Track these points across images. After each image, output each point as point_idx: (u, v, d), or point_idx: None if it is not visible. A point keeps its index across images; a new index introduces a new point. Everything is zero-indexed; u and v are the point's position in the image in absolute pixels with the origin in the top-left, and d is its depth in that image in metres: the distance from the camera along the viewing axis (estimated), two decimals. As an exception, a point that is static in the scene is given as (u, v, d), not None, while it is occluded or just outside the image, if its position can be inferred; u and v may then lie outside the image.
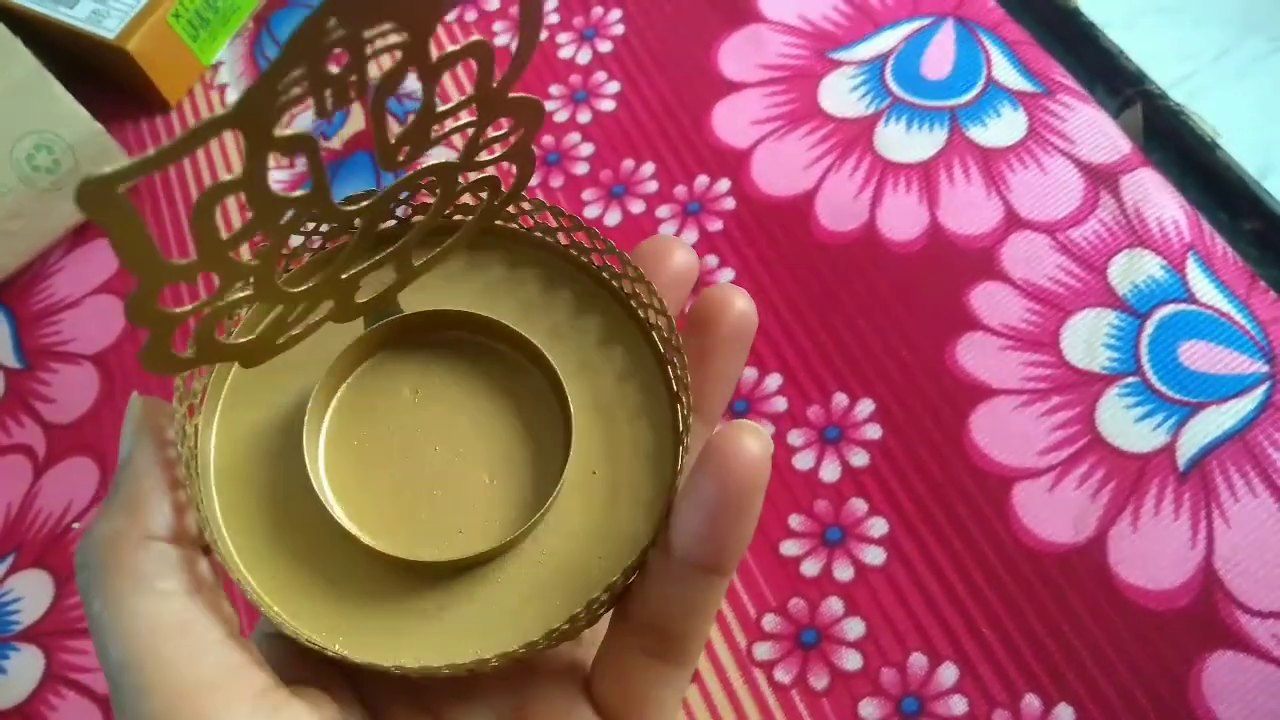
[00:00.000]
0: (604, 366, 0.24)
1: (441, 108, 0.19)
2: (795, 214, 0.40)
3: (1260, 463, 0.33)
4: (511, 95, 0.20)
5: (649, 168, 0.43)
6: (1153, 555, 0.32)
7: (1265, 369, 0.34)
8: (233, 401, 0.23)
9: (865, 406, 0.36)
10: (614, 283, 0.24)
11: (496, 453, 0.23)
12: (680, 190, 0.42)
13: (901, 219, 0.39)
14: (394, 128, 0.18)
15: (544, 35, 0.47)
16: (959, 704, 0.32)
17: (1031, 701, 0.31)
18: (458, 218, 0.23)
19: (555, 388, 0.23)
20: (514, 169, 0.22)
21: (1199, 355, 0.35)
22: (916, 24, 0.43)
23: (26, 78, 0.43)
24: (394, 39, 0.17)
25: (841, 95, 0.42)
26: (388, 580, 0.22)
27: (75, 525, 0.40)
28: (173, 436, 0.21)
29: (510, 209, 0.24)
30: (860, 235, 0.39)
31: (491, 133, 0.20)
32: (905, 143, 0.41)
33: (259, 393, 0.23)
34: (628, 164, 0.43)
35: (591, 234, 0.24)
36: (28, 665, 0.38)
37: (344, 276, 0.21)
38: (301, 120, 0.45)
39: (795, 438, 0.36)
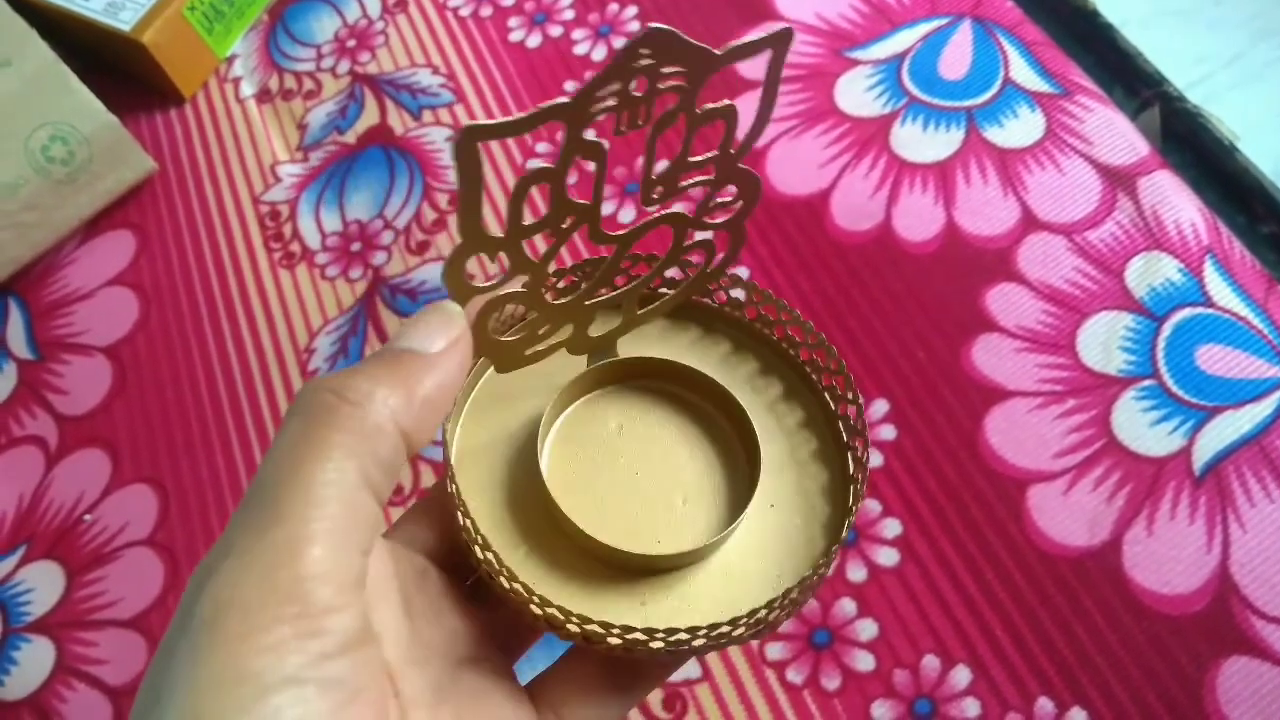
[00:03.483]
0: (784, 418, 0.26)
1: (693, 158, 0.22)
2: (810, 213, 0.40)
3: (1276, 468, 0.33)
4: (740, 167, 0.23)
5: (662, 165, 0.42)
6: (1168, 559, 0.32)
7: (1283, 374, 0.34)
8: (473, 414, 0.26)
9: (880, 407, 0.36)
10: (791, 351, 0.27)
11: (689, 482, 0.25)
12: (695, 188, 0.42)
13: (917, 219, 0.39)
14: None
15: (559, 31, 0.47)
16: (972, 706, 0.31)
17: (1045, 704, 0.31)
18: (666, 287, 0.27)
19: (743, 430, 0.25)
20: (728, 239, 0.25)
21: (1216, 359, 0.35)
22: (934, 24, 0.43)
23: (42, 70, 0.43)
24: (677, 82, 0.20)
25: (858, 94, 0.42)
26: (594, 570, 0.24)
27: (87, 517, 0.40)
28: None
29: (708, 284, 0.27)
30: (876, 235, 0.39)
31: (719, 199, 0.24)
32: (922, 142, 0.40)
33: (494, 412, 0.26)
34: (642, 160, 0.43)
35: (780, 306, 0.26)
36: (39, 656, 0.38)
37: (588, 303, 0.24)
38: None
39: (809, 437, 0.36)
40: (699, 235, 0.24)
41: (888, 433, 0.36)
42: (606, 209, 0.42)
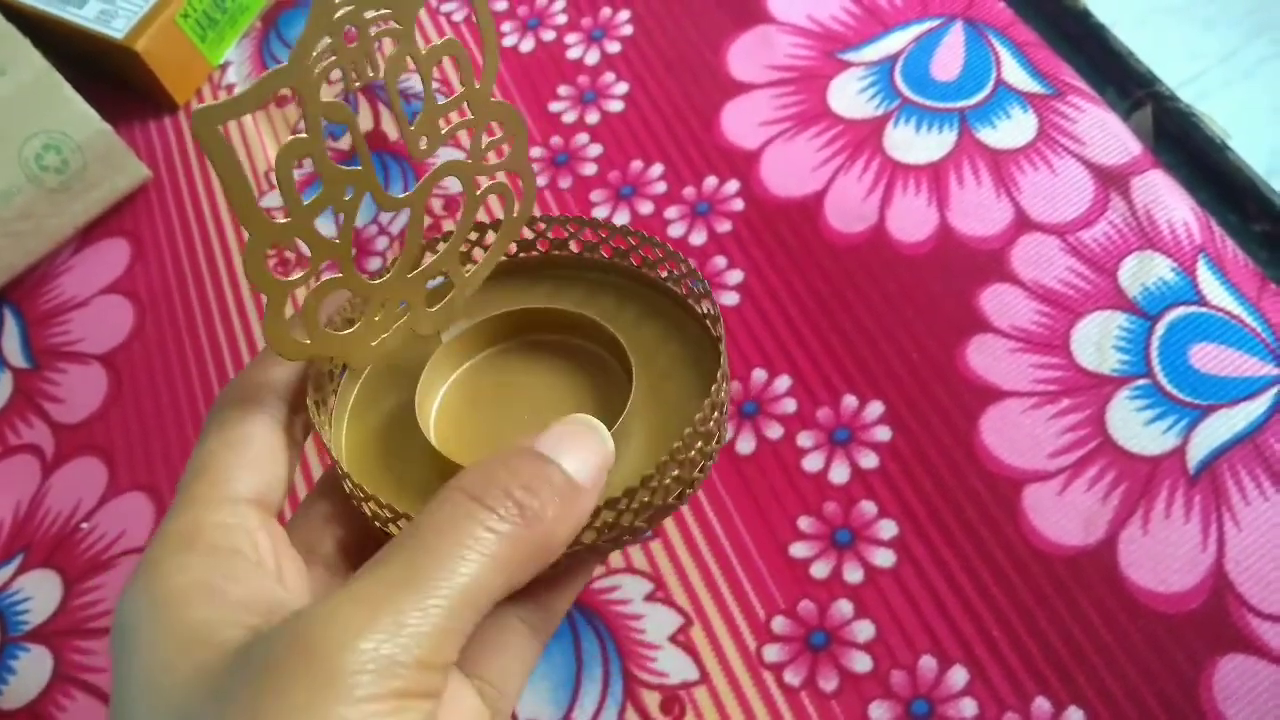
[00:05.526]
0: (658, 351, 0.27)
1: (441, 101, 0.24)
2: (804, 215, 0.40)
3: (1271, 466, 0.33)
4: (492, 100, 0.24)
5: (657, 169, 0.43)
6: (1163, 558, 0.32)
7: (1276, 372, 0.34)
8: (361, 405, 0.27)
9: (874, 408, 0.36)
10: (649, 272, 0.28)
11: (571, 407, 0.26)
12: (689, 191, 0.42)
13: (911, 220, 0.39)
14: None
15: (552, 35, 0.47)
16: (969, 706, 0.32)
17: (1041, 704, 0.31)
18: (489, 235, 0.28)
19: (621, 361, 0.26)
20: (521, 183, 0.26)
21: (1210, 358, 0.35)
22: (926, 25, 0.43)
23: (35, 78, 0.44)
24: (388, 26, 0.21)
25: (851, 96, 0.42)
26: None
27: (84, 525, 0.40)
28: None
29: (559, 234, 0.28)
30: (870, 236, 0.39)
31: (489, 138, 0.25)
32: (915, 144, 0.41)
33: (383, 399, 0.27)
34: (636, 165, 0.43)
35: (625, 233, 0.27)
36: (37, 665, 0.38)
37: (409, 275, 0.25)
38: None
39: (804, 439, 0.36)
40: (490, 183, 0.25)
41: (883, 434, 0.36)
42: (601, 212, 0.42)
